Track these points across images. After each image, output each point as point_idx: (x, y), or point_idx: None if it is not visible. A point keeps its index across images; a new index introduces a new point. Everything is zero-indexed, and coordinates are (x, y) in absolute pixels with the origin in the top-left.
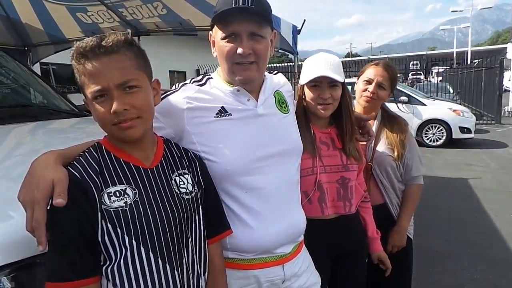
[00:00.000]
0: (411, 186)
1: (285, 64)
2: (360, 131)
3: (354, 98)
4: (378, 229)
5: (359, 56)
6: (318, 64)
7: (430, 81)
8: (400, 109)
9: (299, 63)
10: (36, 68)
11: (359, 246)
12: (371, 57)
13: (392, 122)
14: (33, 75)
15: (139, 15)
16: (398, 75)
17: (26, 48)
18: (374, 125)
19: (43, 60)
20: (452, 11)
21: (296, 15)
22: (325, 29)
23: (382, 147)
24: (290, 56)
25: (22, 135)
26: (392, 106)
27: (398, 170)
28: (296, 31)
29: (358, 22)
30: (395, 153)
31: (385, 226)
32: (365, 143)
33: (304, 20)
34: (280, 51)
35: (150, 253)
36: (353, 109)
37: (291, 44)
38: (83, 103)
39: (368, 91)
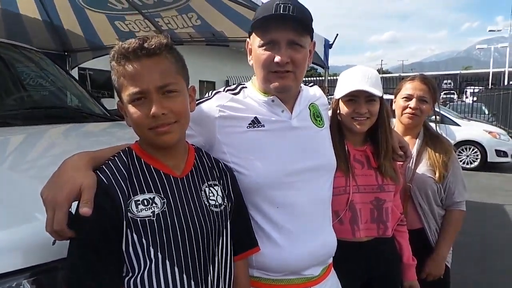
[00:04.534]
0: (452, 212)
1: (314, 78)
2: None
3: (394, 116)
4: (414, 255)
5: (389, 72)
6: (355, 78)
7: (464, 101)
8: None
9: (329, 77)
10: (75, 72)
11: (392, 273)
12: (402, 74)
13: (435, 141)
14: (70, 79)
15: (174, 25)
16: None
17: (66, 53)
18: (415, 144)
19: (82, 65)
20: (489, 31)
21: (328, 30)
22: (356, 44)
23: (423, 168)
24: (319, 70)
25: (56, 136)
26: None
27: (439, 194)
28: (328, 45)
29: (391, 39)
30: (437, 175)
31: (421, 253)
32: (401, 163)
33: (337, 34)
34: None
35: (176, 267)
36: (392, 126)
37: (323, 58)
38: (115, 107)
39: (410, 107)
